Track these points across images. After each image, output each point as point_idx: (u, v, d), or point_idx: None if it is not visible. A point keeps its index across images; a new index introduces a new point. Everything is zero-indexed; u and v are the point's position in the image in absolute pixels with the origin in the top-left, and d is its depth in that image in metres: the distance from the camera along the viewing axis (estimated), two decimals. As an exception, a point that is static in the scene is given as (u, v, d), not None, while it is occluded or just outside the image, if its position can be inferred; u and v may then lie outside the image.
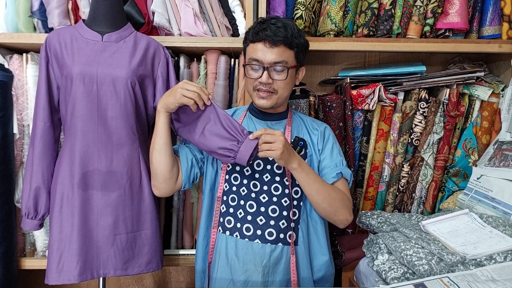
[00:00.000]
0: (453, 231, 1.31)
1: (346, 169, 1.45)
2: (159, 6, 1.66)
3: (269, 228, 1.38)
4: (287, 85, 1.39)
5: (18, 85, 1.67)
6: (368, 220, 1.55)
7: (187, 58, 1.79)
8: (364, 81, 1.78)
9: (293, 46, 1.37)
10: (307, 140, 1.46)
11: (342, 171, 1.43)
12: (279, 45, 1.34)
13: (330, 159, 1.45)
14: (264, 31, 1.33)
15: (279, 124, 1.47)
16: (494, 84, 1.78)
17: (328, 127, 1.53)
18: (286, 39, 1.33)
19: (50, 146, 1.50)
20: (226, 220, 1.43)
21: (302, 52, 1.42)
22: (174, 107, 1.34)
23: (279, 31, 1.32)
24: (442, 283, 1.03)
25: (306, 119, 1.53)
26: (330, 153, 1.46)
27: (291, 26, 1.36)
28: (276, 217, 1.39)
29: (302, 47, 1.41)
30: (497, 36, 1.76)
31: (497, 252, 1.15)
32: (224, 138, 1.33)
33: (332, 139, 1.49)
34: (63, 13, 1.65)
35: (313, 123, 1.51)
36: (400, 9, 1.72)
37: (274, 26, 1.33)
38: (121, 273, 1.50)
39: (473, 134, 1.79)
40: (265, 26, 1.34)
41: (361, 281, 1.46)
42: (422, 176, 1.82)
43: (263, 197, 1.40)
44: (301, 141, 1.44)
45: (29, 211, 1.50)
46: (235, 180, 1.43)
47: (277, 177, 1.41)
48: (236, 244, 1.40)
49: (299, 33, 1.39)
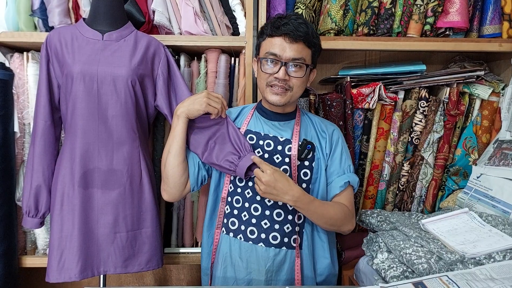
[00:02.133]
0: (453, 229, 1.31)
1: (354, 176, 1.44)
2: (159, 5, 1.66)
3: (273, 232, 1.38)
4: (302, 83, 1.38)
5: (19, 83, 1.67)
6: (368, 218, 1.56)
7: (187, 57, 1.79)
8: (364, 80, 1.78)
9: (311, 45, 1.35)
10: (315, 143, 1.43)
11: (349, 179, 1.42)
12: (299, 42, 1.32)
13: (338, 165, 1.43)
14: (286, 25, 1.31)
15: (287, 125, 1.45)
16: (494, 83, 1.78)
17: (337, 129, 1.50)
18: (307, 36, 1.32)
19: (50, 144, 1.51)
20: (230, 222, 1.42)
21: (317, 53, 1.40)
22: (198, 114, 1.35)
23: (301, 27, 1.31)
24: (441, 282, 1.03)
25: (315, 120, 1.50)
26: (339, 159, 1.44)
27: (310, 25, 1.35)
28: (281, 221, 1.38)
29: (318, 48, 1.40)
30: (497, 35, 1.76)
31: (496, 251, 1.15)
32: (228, 151, 1.36)
33: (341, 142, 1.46)
34: (64, 11, 1.65)
35: (322, 125, 1.48)
36: (400, 8, 1.72)
37: (296, 21, 1.31)
38: (121, 271, 1.50)
39: (473, 133, 1.79)
40: (286, 21, 1.31)
41: (360, 280, 1.47)
42: (422, 175, 1.82)
43: (268, 200, 1.38)
44: (309, 144, 1.40)
45: (29, 209, 1.51)
46: (240, 182, 1.42)
47: None
48: (240, 247, 1.40)
49: (316, 33, 1.38)
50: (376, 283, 1.23)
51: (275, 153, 1.39)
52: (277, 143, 1.40)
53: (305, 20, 1.35)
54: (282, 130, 1.42)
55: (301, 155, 1.38)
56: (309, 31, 1.32)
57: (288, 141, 1.40)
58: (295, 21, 1.31)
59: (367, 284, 1.38)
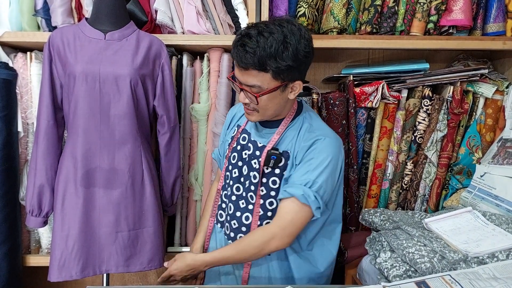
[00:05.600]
0: (456, 229, 1.30)
1: (309, 192, 1.21)
2: (162, 4, 1.66)
3: (240, 233, 1.36)
4: (271, 103, 1.24)
5: (22, 83, 1.68)
6: (371, 217, 1.55)
7: (190, 56, 1.79)
8: (367, 79, 1.77)
9: (267, 69, 1.16)
10: (292, 152, 1.30)
11: (297, 192, 1.22)
12: (249, 69, 1.18)
13: (299, 174, 1.25)
14: (234, 50, 1.19)
15: (271, 131, 1.35)
16: (499, 81, 1.77)
17: (324, 140, 1.27)
18: (255, 64, 1.15)
19: (53, 144, 1.51)
20: (219, 214, 1.46)
21: (287, 71, 1.19)
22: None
23: (246, 56, 1.15)
24: (444, 281, 1.03)
25: (305, 127, 1.32)
26: (302, 169, 1.25)
27: (268, 45, 1.14)
28: (247, 225, 1.36)
29: (286, 67, 1.17)
30: (501, 33, 1.75)
31: (500, 250, 1.15)
32: None
33: (316, 153, 1.25)
34: (67, 11, 1.65)
35: (307, 134, 1.30)
36: (403, 6, 1.71)
37: (242, 49, 1.16)
38: (123, 270, 1.51)
39: (477, 132, 1.78)
40: (236, 45, 1.19)
41: (363, 279, 1.46)
42: (425, 173, 1.81)
43: (242, 203, 1.37)
44: (274, 155, 1.29)
45: (33, 208, 1.52)
46: (227, 179, 1.43)
47: (252, 186, 1.35)
48: (223, 238, 1.43)
49: (284, 51, 1.16)
50: (379, 282, 1.23)
51: (253, 157, 1.35)
52: (255, 148, 1.36)
53: (259, 42, 1.14)
54: (263, 136, 1.37)
55: (268, 164, 1.31)
56: (257, 57, 1.14)
57: (264, 147, 1.34)
58: (241, 48, 1.16)
59: (370, 283, 1.37)
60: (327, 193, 1.26)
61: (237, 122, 1.48)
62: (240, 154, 1.39)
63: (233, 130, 1.47)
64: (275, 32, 1.16)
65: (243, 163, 1.37)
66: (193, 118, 1.78)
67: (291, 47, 1.16)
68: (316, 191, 1.22)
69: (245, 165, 1.37)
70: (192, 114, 1.77)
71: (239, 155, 1.39)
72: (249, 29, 1.19)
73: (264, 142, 1.35)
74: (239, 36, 1.20)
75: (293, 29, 1.18)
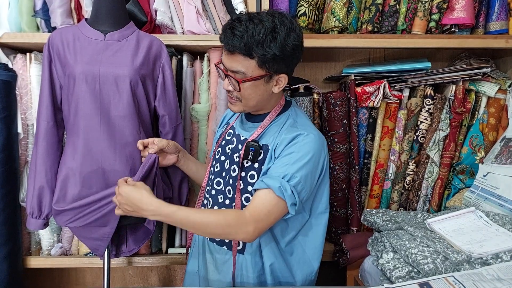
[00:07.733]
0: (459, 229, 1.29)
1: (288, 188, 1.16)
2: (161, 5, 1.66)
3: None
4: (251, 94, 1.23)
5: (22, 84, 1.67)
6: (373, 218, 1.54)
7: (190, 56, 1.79)
8: (369, 78, 1.77)
9: (253, 55, 1.17)
10: (270, 144, 1.27)
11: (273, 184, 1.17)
12: (235, 53, 1.18)
13: (279, 166, 1.21)
14: (223, 33, 1.19)
15: (255, 125, 1.33)
16: (501, 80, 1.75)
17: (307, 135, 1.23)
18: (241, 48, 1.16)
19: (53, 145, 1.51)
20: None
21: (273, 61, 1.18)
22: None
23: (233, 39, 1.16)
24: (447, 282, 1.02)
25: (288, 123, 1.30)
26: (281, 161, 1.21)
27: (257, 32, 1.15)
28: None
29: (272, 57, 1.17)
30: (503, 32, 1.74)
31: (504, 251, 1.14)
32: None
33: (297, 148, 1.21)
34: (66, 12, 1.65)
35: (289, 128, 1.27)
36: (405, 5, 1.70)
37: (231, 31, 1.16)
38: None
39: (479, 131, 1.77)
40: (225, 29, 1.19)
41: (366, 280, 1.45)
42: (427, 173, 1.80)
43: (220, 197, 1.35)
44: (252, 147, 1.26)
45: (33, 210, 1.51)
46: (210, 174, 1.42)
47: (231, 180, 1.32)
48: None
49: (272, 40, 1.16)
50: (382, 283, 1.22)
51: (235, 151, 1.34)
52: (238, 141, 1.34)
53: (248, 27, 1.15)
54: (247, 130, 1.35)
55: (247, 157, 1.28)
56: (244, 42, 1.15)
57: (245, 141, 1.32)
58: (230, 31, 1.17)
59: (373, 285, 1.36)
60: (305, 190, 1.21)
61: (228, 120, 1.49)
62: (224, 149, 1.38)
63: (223, 127, 1.48)
64: (266, 21, 1.16)
65: (226, 158, 1.36)
66: (193, 119, 1.77)
67: (279, 37, 1.16)
68: (294, 186, 1.17)
69: (227, 160, 1.35)
70: (192, 114, 1.76)
71: (223, 150, 1.38)
72: (241, 15, 1.20)
73: (247, 136, 1.33)
74: (230, 20, 1.21)
75: (285, 21, 1.19)
